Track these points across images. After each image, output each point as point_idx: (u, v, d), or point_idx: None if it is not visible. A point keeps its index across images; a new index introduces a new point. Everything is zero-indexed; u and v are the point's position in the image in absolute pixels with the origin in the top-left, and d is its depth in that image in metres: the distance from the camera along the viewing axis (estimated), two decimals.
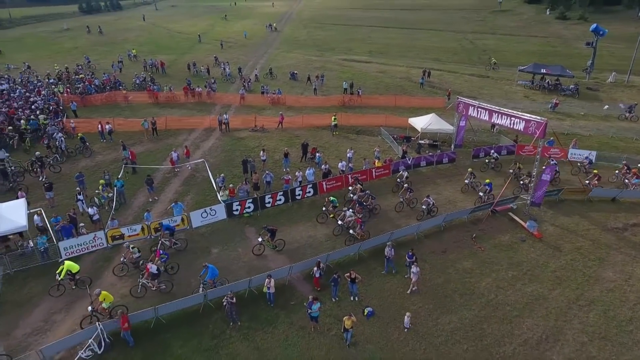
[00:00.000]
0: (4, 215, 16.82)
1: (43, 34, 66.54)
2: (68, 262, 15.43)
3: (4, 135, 26.36)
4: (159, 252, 16.41)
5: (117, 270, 16.45)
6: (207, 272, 15.34)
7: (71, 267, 15.33)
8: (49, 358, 12.85)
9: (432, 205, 20.00)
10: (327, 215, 19.60)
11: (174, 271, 16.57)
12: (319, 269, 15.68)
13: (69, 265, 15.27)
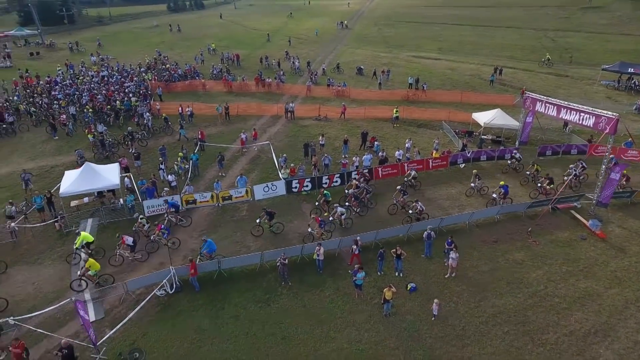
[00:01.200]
0: (102, 174, 20.10)
1: (136, 30, 74.52)
2: (84, 234, 17.20)
3: (103, 113, 30.79)
4: (160, 226, 17.94)
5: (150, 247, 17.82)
6: (205, 246, 16.61)
7: (87, 237, 17.08)
8: (132, 291, 15.44)
9: (422, 211, 19.06)
10: (320, 210, 19.83)
11: (175, 246, 17.81)
12: (358, 246, 16.69)
13: (84, 237, 17.02)
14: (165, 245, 17.54)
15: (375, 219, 19.77)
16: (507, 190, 20.27)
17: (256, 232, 18.72)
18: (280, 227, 18.94)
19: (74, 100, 33.17)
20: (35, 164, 24.07)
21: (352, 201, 20.12)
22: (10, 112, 30.60)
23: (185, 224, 19.43)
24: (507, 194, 20.22)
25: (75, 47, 55.42)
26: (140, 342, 13.64)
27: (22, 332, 13.45)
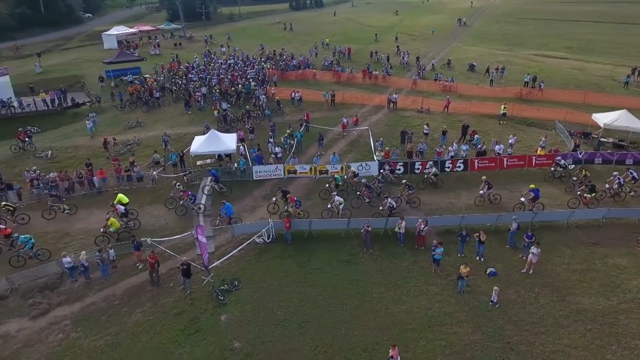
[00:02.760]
0: (223, 140, 24.11)
1: (260, 26, 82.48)
2: (120, 195, 20.02)
3: (227, 94, 35.79)
4: (187, 192, 20.31)
5: (167, 204, 20.84)
6: (224, 208, 18.77)
7: (122, 199, 19.83)
8: (237, 235, 18.56)
9: (393, 208, 19.08)
10: (328, 192, 20.66)
11: (201, 211, 20.37)
12: (425, 227, 17.35)
13: (120, 197, 19.83)
14: (192, 210, 20.34)
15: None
16: (537, 194, 19.14)
17: (272, 210, 20.16)
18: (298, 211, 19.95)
19: (206, 82, 39.00)
20: (172, 131, 29.37)
21: (363, 190, 20.44)
22: (157, 89, 37.39)
23: (226, 193, 21.82)
24: (537, 198, 19.06)
25: (209, 40, 63.92)
26: (240, 274, 16.54)
27: (156, 251, 17.31)
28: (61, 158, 26.41)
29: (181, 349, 13.43)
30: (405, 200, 20.38)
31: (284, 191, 20.18)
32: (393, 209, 19.15)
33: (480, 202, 20.38)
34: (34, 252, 17.29)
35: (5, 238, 17.59)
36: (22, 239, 17.31)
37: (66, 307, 15.20)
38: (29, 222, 19.88)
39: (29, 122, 31.47)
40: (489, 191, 20.20)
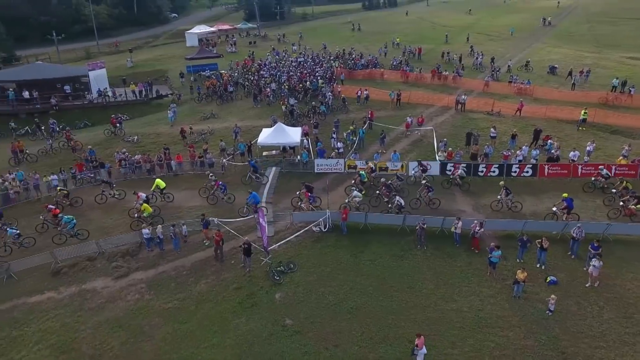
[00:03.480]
0: (289, 133, 25.54)
1: (331, 25, 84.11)
2: (158, 180, 21.80)
3: (295, 90, 37.41)
4: (218, 182, 21.49)
5: (201, 192, 22.22)
6: (250, 197, 20.06)
7: (160, 183, 21.61)
8: (296, 222, 19.69)
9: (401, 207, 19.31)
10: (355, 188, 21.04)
11: (231, 201, 21.38)
12: (481, 228, 17.04)
13: (158, 182, 21.62)
14: (222, 199, 21.55)
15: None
16: (570, 204, 18.09)
17: (295, 204, 20.78)
18: (317, 200, 20.93)
19: (276, 79, 41.04)
20: (242, 123, 31.45)
21: (382, 189, 20.50)
22: (231, 84, 40.10)
23: (263, 182, 23.25)
24: (571, 208, 18.06)
25: (282, 38, 66.69)
26: (295, 258, 17.60)
27: (222, 230, 18.93)
28: (145, 143, 29.54)
29: (238, 319, 14.75)
30: (424, 201, 20.39)
31: (308, 186, 21.02)
32: (402, 208, 19.40)
33: (498, 207, 20.00)
34: (74, 231, 19.31)
35: (54, 217, 19.59)
36: (66, 219, 19.31)
37: (142, 272, 17.30)
38: (82, 204, 22.04)
39: (120, 110, 35.48)
40: (507, 197, 19.67)
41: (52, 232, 19.50)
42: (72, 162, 25.58)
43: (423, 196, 20.46)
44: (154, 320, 14.79)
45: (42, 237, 19.39)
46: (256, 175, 23.73)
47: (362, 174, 22.02)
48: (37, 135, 30.62)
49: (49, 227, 19.74)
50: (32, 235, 19.28)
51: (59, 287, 16.46)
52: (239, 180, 23.82)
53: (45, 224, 19.78)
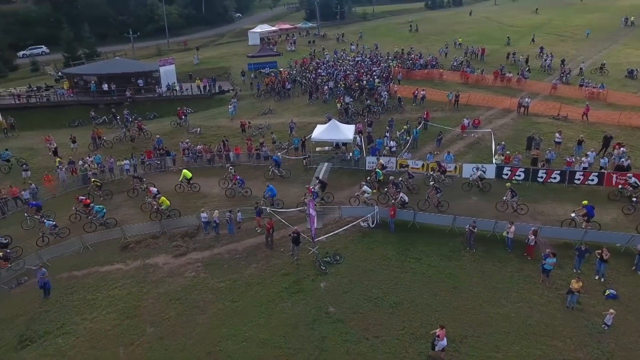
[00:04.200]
0: (342, 130, 26.16)
1: (391, 25, 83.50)
2: (185, 171, 23.07)
3: (351, 89, 37.93)
4: (236, 177, 22.36)
5: (221, 183, 23.27)
6: (267, 190, 20.98)
7: (186, 174, 22.95)
8: (344, 216, 20.23)
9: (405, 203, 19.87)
10: (371, 186, 21.45)
11: (248, 194, 22.34)
12: (534, 237, 16.43)
13: (185, 173, 22.93)
14: (239, 193, 22.52)
15: None
16: (591, 211, 17.51)
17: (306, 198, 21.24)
18: (330, 196, 21.69)
19: (333, 77, 41.82)
20: (298, 119, 32.50)
21: (390, 187, 20.84)
22: (289, 82, 41.46)
23: (285, 175, 24.21)
24: (591, 216, 17.50)
25: (341, 38, 67.42)
26: (342, 251, 18.13)
27: (273, 219, 19.92)
28: (207, 134, 31.51)
29: (283, 303, 15.57)
30: (432, 203, 20.45)
31: (322, 182, 21.88)
32: (405, 204, 19.97)
33: (503, 209, 19.85)
34: (104, 220, 20.59)
35: (85, 207, 20.73)
36: (97, 208, 20.56)
37: (199, 253, 18.68)
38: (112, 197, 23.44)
39: (185, 103, 38.04)
40: (512, 199, 19.58)
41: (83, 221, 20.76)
42: (142, 149, 27.98)
43: (431, 197, 20.54)
44: (207, 297, 16.02)
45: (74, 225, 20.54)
46: (279, 170, 24.56)
47: (378, 172, 22.55)
48: (113, 124, 33.73)
49: (81, 217, 20.89)
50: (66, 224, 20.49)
51: (127, 260, 18.27)
52: (292, 173, 24.78)
53: (77, 214, 20.98)
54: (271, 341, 13.92)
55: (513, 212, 19.60)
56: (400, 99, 34.44)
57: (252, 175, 24.43)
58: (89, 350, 13.89)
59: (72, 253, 18.71)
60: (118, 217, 21.27)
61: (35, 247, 18.94)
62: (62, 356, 13.69)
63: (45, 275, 16.27)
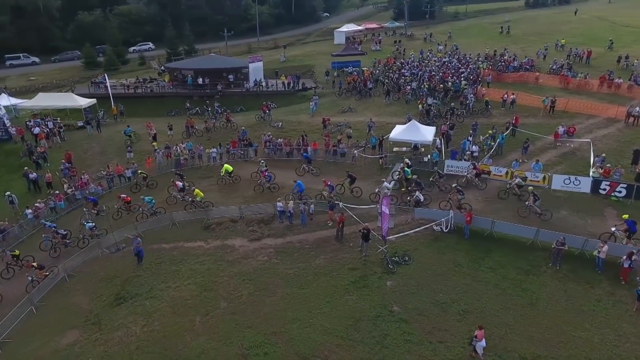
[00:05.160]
0: (422, 131, 25.82)
1: (485, 24, 79.51)
2: (226, 165, 24.54)
3: (435, 90, 37.10)
4: (265, 173, 23.63)
5: (253, 176, 24.41)
6: (295, 186, 21.69)
7: (228, 168, 24.35)
8: (416, 219, 20.07)
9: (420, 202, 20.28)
10: (400, 184, 22.40)
11: (276, 190, 23.19)
12: (629, 260, 14.77)
13: (226, 167, 24.39)
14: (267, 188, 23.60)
15: None
16: (633, 227, 16.63)
17: (339, 190, 22.32)
18: (359, 191, 22.17)
19: (417, 77, 41.23)
20: (377, 119, 32.63)
21: (413, 186, 21.26)
22: (371, 81, 41.71)
23: (316, 174, 24.70)
24: (633, 231, 16.65)
25: (429, 38, 65.90)
26: (411, 252, 18.06)
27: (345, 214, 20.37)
28: (287, 129, 33.01)
29: (348, 296, 15.98)
30: (454, 205, 20.23)
31: (351, 176, 22.47)
32: (419, 203, 20.34)
33: (525, 214, 19.68)
34: (154, 210, 21.77)
35: (126, 204, 22.03)
36: (147, 200, 21.79)
37: (272, 239, 19.84)
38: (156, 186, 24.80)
39: (270, 98, 40.13)
40: (535, 204, 19.39)
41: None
42: (228, 139, 30.20)
43: (453, 199, 20.44)
44: (276, 281, 17.00)
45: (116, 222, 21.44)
46: (310, 167, 25.29)
47: (407, 170, 22.83)
48: (204, 115, 36.78)
49: (122, 215, 22.06)
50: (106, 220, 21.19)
51: (207, 239, 20.03)
52: (367, 171, 25.11)
53: (120, 212, 22.18)
54: (333, 330, 14.41)
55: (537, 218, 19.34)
56: (487, 102, 32.93)
57: (327, 171, 25.16)
58: (170, 315, 15.57)
59: (163, 227, 20.96)
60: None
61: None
62: (148, 317, 15.53)
63: (140, 244, 18.51)
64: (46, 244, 20.10)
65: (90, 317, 15.92)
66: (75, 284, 17.88)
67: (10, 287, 17.79)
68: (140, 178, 25.20)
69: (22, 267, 18.65)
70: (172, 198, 22.95)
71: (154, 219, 21.34)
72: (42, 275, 17.58)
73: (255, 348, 13.86)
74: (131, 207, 22.33)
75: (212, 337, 14.46)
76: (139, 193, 24.23)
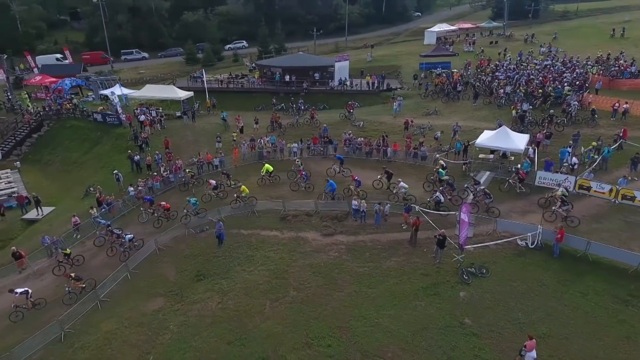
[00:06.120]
0: (513, 139, 24.38)
1: (599, 25, 71.85)
2: (267, 165, 24.93)
3: (532, 95, 34.58)
4: (302, 172, 24.09)
5: (289, 175, 25.18)
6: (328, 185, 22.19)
7: (268, 168, 24.76)
8: (498, 231, 19.04)
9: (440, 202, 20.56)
10: (433, 184, 22.82)
11: (310, 190, 23.68)
12: None
13: (267, 167, 24.74)
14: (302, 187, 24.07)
15: None
16: None
17: (377, 185, 23.29)
18: (394, 187, 22.35)
19: (512, 81, 38.75)
20: (464, 123, 31.28)
21: (446, 187, 21.63)
22: (461, 83, 40.11)
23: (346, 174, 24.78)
24: None
25: (530, 39, 61.38)
26: (490, 265, 17.20)
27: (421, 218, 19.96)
28: (368, 129, 33.11)
29: (418, 301, 15.71)
30: (482, 208, 20.50)
31: (388, 172, 23.10)
32: (440, 204, 20.65)
33: (551, 219, 19.23)
34: (197, 211, 21.91)
35: (165, 212, 22.15)
36: (192, 201, 21.99)
37: (344, 236, 20.13)
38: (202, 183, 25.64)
39: (353, 97, 40.52)
40: (561, 208, 19.01)
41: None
42: (310, 135, 31.16)
43: (480, 202, 20.69)
44: (345, 277, 17.27)
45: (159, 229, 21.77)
46: (341, 168, 25.53)
47: (441, 172, 22.86)
48: (289, 111, 38.31)
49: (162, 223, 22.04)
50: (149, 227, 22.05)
51: (283, 230, 20.94)
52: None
53: (160, 219, 22.19)
54: (399, 334, 14.30)
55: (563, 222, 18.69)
56: (594, 111, 29.88)
57: (406, 173, 24.81)
58: (243, 296, 16.62)
59: (243, 215, 22.33)
60: (278, 194, 24.10)
61: None
62: (223, 295, 16.74)
63: (222, 228, 19.98)
64: (99, 240, 21.18)
65: (174, 288, 17.59)
66: (164, 257, 19.84)
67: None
68: (189, 176, 25.93)
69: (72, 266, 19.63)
70: (207, 196, 23.73)
71: (237, 205, 22.80)
72: (78, 287, 17.77)
73: (319, 339, 14.28)
74: (170, 214, 22.44)
75: (279, 322, 15.17)
76: (186, 192, 25.03)
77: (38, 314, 17.07)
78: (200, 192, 24.56)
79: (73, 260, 19.83)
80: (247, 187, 23.24)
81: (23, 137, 36.50)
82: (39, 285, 18.82)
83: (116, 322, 16.03)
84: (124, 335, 15.43)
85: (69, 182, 30.62)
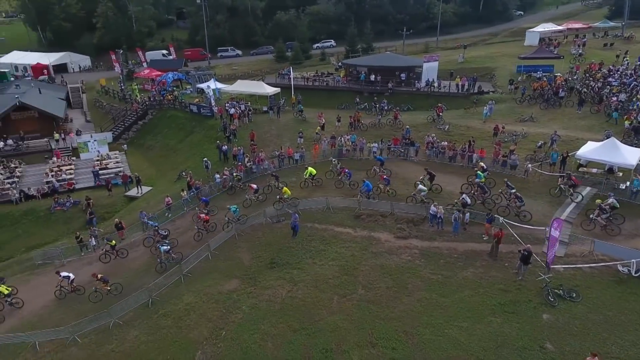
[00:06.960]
0: (622, 152, 21.88)
1: None
2: (310, 168, 24.74)
3: None
4: (344, 170, 24.65)
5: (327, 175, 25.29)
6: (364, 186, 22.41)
7: (311, 171, 24.63)
8: (596, 253, 17.25)
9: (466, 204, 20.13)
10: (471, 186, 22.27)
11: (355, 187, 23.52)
12: None
13: (310, 170, 24.62)
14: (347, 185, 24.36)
15: None
16: None
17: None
18: (438, 188, 22.66)
19: (628, 88, 34.67)
20: (564, 132, 28.70)
21: (477, 189, 21.50)
22: (564, 89, 36.82)
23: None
24: None
25: None
26: (582, 289, 15.70)
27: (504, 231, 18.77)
28: (454, 133, 31.86)
29: (493, 317, 14.89)
30: (513, 211, 20.18)
31: (430, 173, 23.15)
32: (467, 205, 20.20)
33: (589, 227, 18.69)
34: (238, 217, 21.74)
35: (205, 223, 21.72)
36: (233, 209, 21.82)
37: (419, 241, 19.70)
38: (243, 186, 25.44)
39: (440, 100, 39.19)
40: (601, 217, 18.32)
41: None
42: (391, 136, 30.86)
43: (512, 205, 20.28)
44: (416, 283, 16.92)
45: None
46: (381, 169, 25.18)
47: (480, 174, 22.46)
48: (372, 111, 38.27)
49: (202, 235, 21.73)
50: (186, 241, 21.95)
51: (356, 227, 21.07)
52: (540, 189, 22.61)
53: (200, 232, 21.91)
54: (469, 348, 13.70)
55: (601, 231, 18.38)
56: None
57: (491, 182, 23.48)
58: (312, 289, 17.08)
59: (319, 209, 22.87)
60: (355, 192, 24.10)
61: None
62: (294, 284, 17.37)
63: (297, 220, 20.67)
64: (148, 241, 21.92)
65: (248, 272, 18.66)
66: (242, 242, 21.08)
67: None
68: (235, 180, 25.99)
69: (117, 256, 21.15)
70: (248, 201, 23.83)
71: (313, 200, 23.42)
72: (105, 289, 18.21)
73: (384, 340, 14.21)
74: (209, 225, 21.99)
75: (346, 318, 15.37)
76: (234, 195, 25.42)
77: (131, 280, 19.23)
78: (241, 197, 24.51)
79: (118, 253, 21.25)
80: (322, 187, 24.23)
81: (130, 123, 41.10)
82: (134, 255, 21.22)
83: (195, 296, 17.46)
84: (202, 309, 16.75)
85: (166, 166, 33.80)
